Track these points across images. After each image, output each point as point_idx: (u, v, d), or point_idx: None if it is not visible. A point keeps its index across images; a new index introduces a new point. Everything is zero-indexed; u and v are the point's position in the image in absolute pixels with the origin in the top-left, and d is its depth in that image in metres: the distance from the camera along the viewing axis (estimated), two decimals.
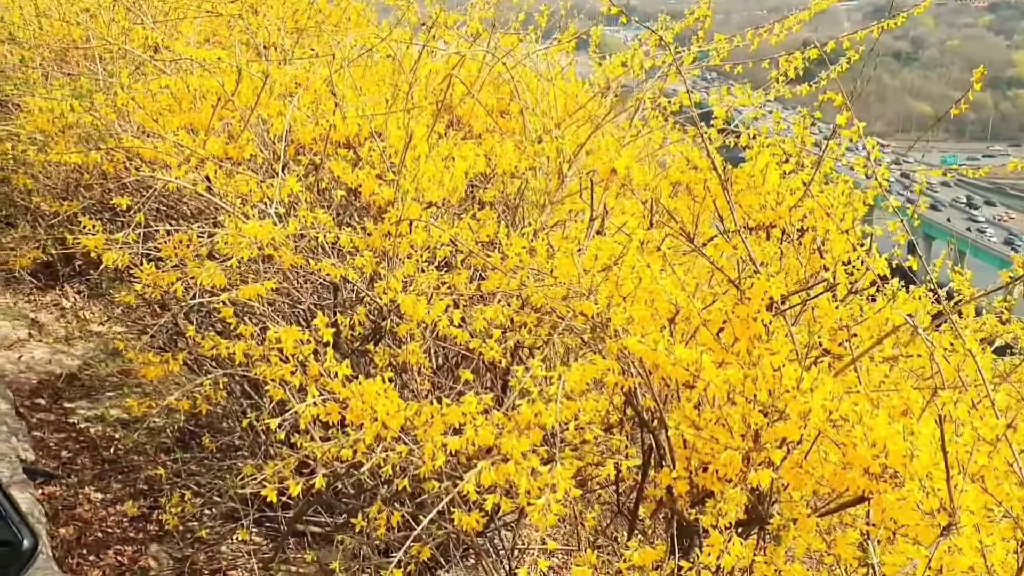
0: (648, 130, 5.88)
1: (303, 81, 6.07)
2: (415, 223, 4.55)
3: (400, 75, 6.13)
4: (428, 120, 5.54)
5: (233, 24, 8.16)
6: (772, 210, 4.36)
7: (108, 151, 5.09)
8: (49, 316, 7.63)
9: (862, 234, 4.44)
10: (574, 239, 4.29)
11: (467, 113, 6.49)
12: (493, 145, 5.86)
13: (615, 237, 4.34)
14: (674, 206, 4.85)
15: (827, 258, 4.10)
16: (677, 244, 4.73)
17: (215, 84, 5.49)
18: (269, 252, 4.27)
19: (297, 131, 5.40)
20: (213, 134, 5.31)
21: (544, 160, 5.83)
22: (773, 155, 4.65)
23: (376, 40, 6.69)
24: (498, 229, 4.76)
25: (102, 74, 6.43)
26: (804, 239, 4.33)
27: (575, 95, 6.70)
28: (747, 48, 6.51)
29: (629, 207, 4.63)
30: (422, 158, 5.06)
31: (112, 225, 5.14)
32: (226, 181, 4.99)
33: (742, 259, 4.10)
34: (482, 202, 5.86)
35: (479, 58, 6.38)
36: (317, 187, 5.34)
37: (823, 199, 4.23)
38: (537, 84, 6.64)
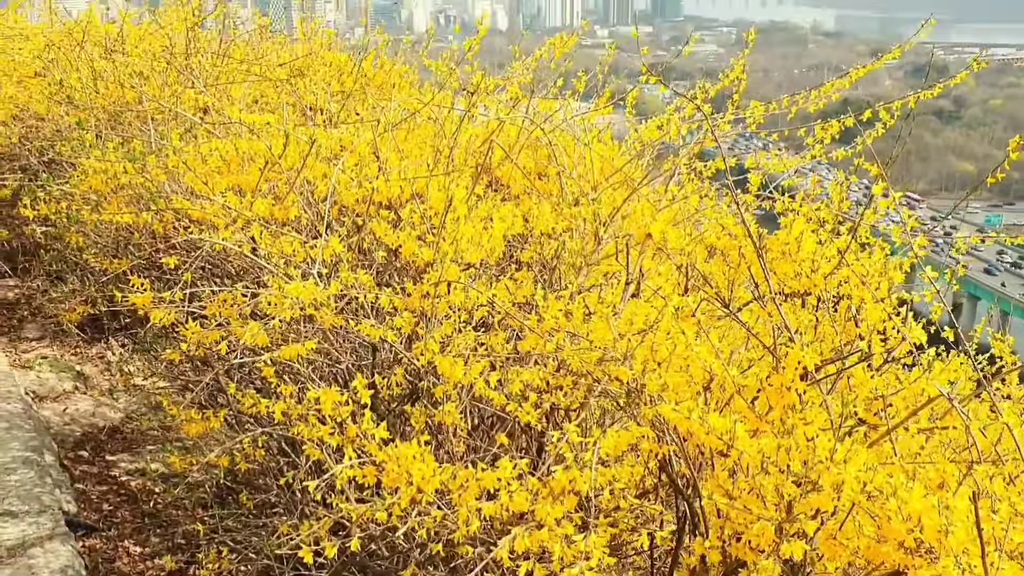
0: (684, 194, 5.94)
1: (348, 144, 6.25)
2: (454, 284, 4.64)
3: (441, 139, 6.29)
4: (468, 182, 5.67)
5: (281, 87, 8.43)
6: (807, 278, 4.38)
7: (158, 212, 5.27)
8: (94, 369, 7.80)
9: (898, 302, 4.44)
10: (610, 303, 4.34)
11: (506, 175, 6.62)
12: (531, 207, 5.97)
13: (651, 301, 4.39)
14: (709, 271, 4.90)
15: (862, 327, 4.10)
16: (712, 309, 4.76)
17: (263, 147, 5.68)
18: (311, 312, 4.37)
19: (341, 193, 5.55)
20: (260, 196, 5.48)
21: (581, 222, 5.91)
22: (808, 222, 4.69)
23: (419, 105, 6.88)
24: (535, 291, 4.84)
25: (154, 135, 6.67)
26: (839, 307, 4.34)
27: (611, 158, 6.80)
28: (785, 113, 6.59)
29: (664, 272, 4.68)
30: (461, 219, 5.17)
31: (160, 283, 5.29)
32: (271, 242, 5.13)
33: (777, 326, 4.12)
34: (519, 262, 5.96)
35: (518, 123, 6.53)
36: (359, 247, 5.47)
37: (858, 267, 4.25)
38: (574, 147, 6.77)
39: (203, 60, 7.93)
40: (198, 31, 8.90)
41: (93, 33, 9.27)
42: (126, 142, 6.55)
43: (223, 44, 8.69)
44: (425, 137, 6.93)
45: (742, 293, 5.00)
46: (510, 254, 5.99)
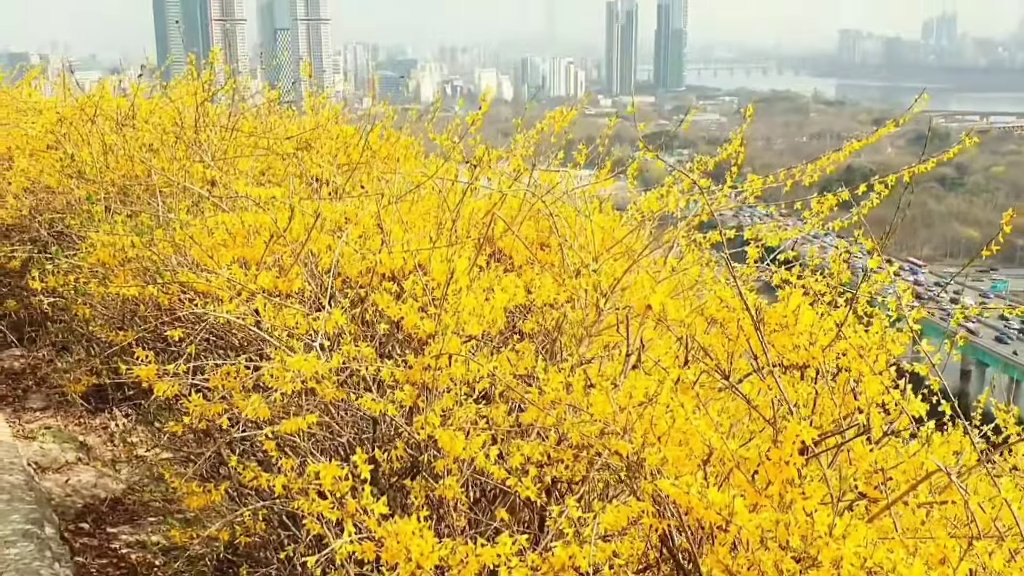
0: (683, 266, 6.00)
1: (352, 216, 6.36)
2: (455, 357, 4.68)
3: (445, 211, 6.39)
4: (470, 253, 5.75)
5: (288, 160, 8.59)
6: (805, 350, 4.41)
7: (164, 284, 5.34)
8: (97, 439, 7.81)
9: (897, 373, 4.46)
10: (610, 376, 4.37)
11: (508, 246, 6.70)
12: (533, 277, 6.04)
13: (651, 373, 4.42)
14: (709, 343, 4.92)
15: (861, 400, 4.11)
16: (712, 381, 4.78)
17: (268, 220, 5.78)
18: (312, 385, 4.40)
19: (344, 265, 5.64)
20: (264, 268, 5.57)
21: (582, 293, 5.97)
22: (805, 294, 4.74)
23: (423, 178, 7.01)
24: (536, 362, 4.87)
25: (162, 208, 6.79)
26: (838, 379, 4.36)
27: (612, 229, 6.89)
28: (791, 180, 6.67)
29: (665, 343, 4.71)
30: (463, 291, 5.24)
31: (164, 355, 5.34)
32: (274, 314, 5.19)
33: (777, 399, 4.14)
34: (521, 333, 5.99)
35: (520, 195, 6.64)
36: (362, 319, 5.52)
37: (856, 340, 4.28)
38: (575, 219, 6.86)
39: (212, 134, 8.10)
40: (208, 105, 9.10)
41: (105, 107, 9.49)
42: (134, 215, 6.67)
43: (232, 118, 8.88)
44: (429, 208, 7.04)
45: (742, 364, 5.02)
46: (512, 324, 6.03)
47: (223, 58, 10.54)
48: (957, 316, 5.60)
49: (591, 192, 7.64)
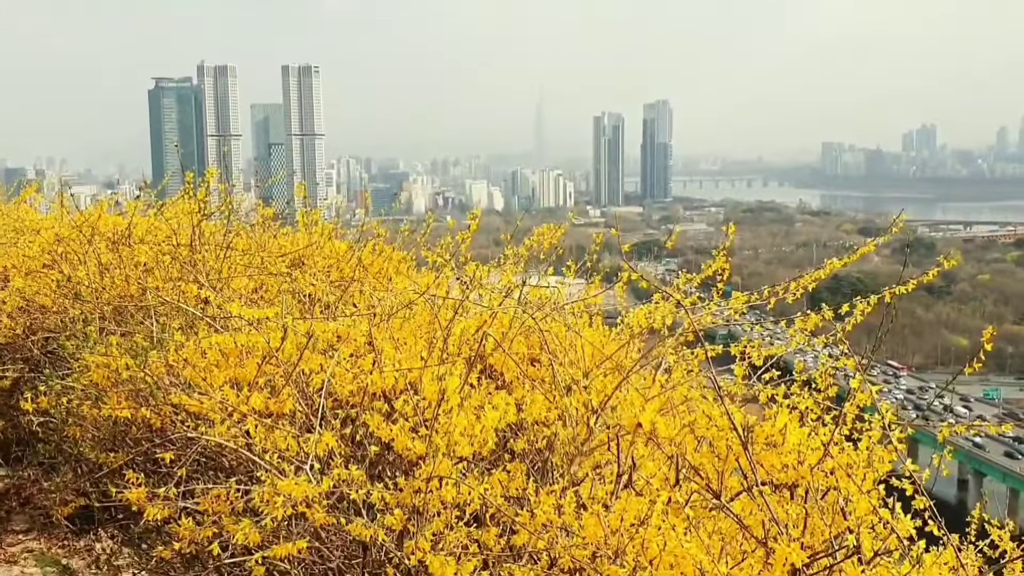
0: (672, 383, 6.07)
1: (344, 335, 6.44)
2: (445, 480, 4.68)
3: (436, 329, 6.48)
4: (462, 371, 5.80)
5: (280, 277, 8.72)
6: (794, 470, 4.44)
7: (156, 406, 5.37)
8: (81, 562, 7.65)
9: (886, 491, 4.48)
10: (601, 499, 4.38)
11: (499, 362, 6.76)
12: (523, 394, 6.07)
13: (643, 492, 4.42)
14: (699, 461, 4.95)
15: (851, 519, 4.13)
16: (703, 499, 4.78)
17: (261, 340, 5.85)
18: (302, 510, 4.39)
19: (336, 384, 5.68)
20: (256, 389, 5.60)
21: (572, 411, 6.00)
22: (792, 411, 4.80)
23: (414, 295, 7.13)
24: (527, 483, 4.87)
25: (155, 328, 6.86)
26: (828, 498, 4.38)
27: (602, 344, 6.97)
28: (776, 293, 6.79)
29: (654, 464, 4.73)
30: (455, 411, 5.27)
31: (155, 476, 5.32)
32: (265, 435, 5.21)
33: (767, 519, 4.15)
34: (512, 451, 5.99)
35: (510, 311, 6.74)
36: (352, 439, 5.53)
37: (843, 459, 4.32)
38: (566, 334, 6.95)
39: (207, 254, 8.25)
40: (203, 224, 9.27)
41: (101, 226, 9.65)
42: (128, 336, 6.74)
43: (227, 236, 9.04)
44: (421, 323, 7.13)
45: (732, 482, 5.03)
46: (503, 442, 6.03)
47: (218, 176, 10.78)
48: (960, 430, 5.64)
49: (581, 306, 7.77)
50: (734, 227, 7.63)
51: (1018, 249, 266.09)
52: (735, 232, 7.78)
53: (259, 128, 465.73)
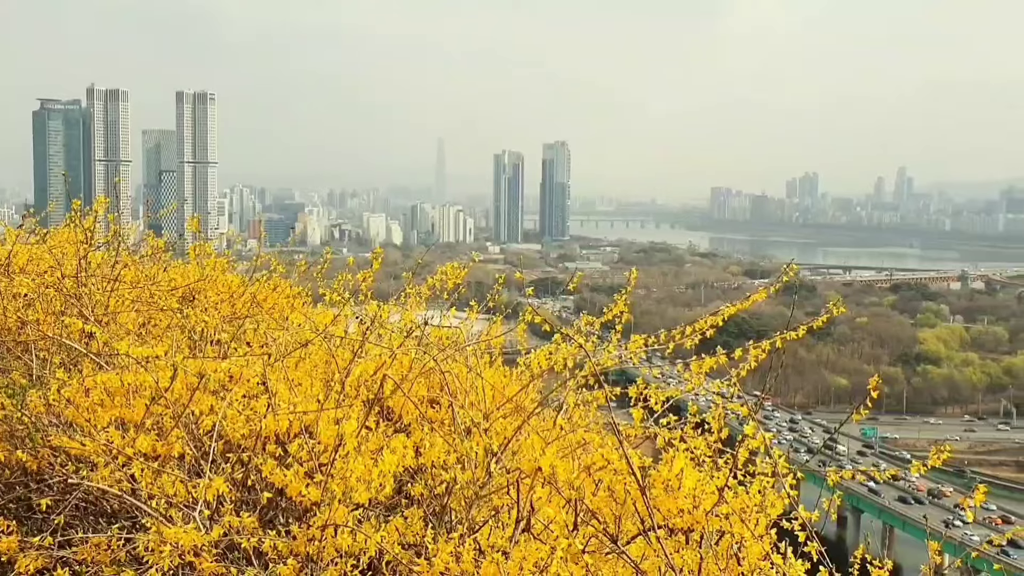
0: (572, 426, 6.10)
1: (237, 375, 6.23)
2: (341, 527, 4.56)
3: (334, 370, 6.35)
4: (359, 413, 5.69)
5: (171, 312, 8.42)
6: (690, 514, 4.50)
7: (34, 448, 5.08)
8: None
9: (778, 535, 4.59)
10: (500, 545, 4.34)
11: (398, 404, 6.67)
12: (423, 437, 5.99)
13: (542, 536, 4.40)
14: (597, 505, 4.97)
15: (744, 564, 4.20)
16: (601, 544, 4.80)
17: (150, 379, 5.61)
18: (190, 559, 4.21)
19: (228, 427, 5.48)
20: (143, 431, 5.36)
21: (472, 454, 5.95)
22: (688, 454, 4.88)
23: (311, 334, 6.98)
24: (425, 529, 4.79)
25: (35, 365, 6.51)
26: (722, 543, 4.45)
27: (502, 386, 6.96)
28: (673, 337, 6.94)
29: (551, 512, 4.72)
30: (351, 455, 5.15)
31: (29, 523, 5.01)
32: (152, 479, 4.98)
33: (663, 565, 4.19)
34: (410, 496, 5.89)
35: (410, 352, 6.67)
36: (244, 484, 5.34)
37: (736, 504, 4.41)
38: (466, 375, 6.91)
39: (92, 286, 7.90)
40: (90, 254, 8.89)
41: None
42: (4, 372, 6.37)
43: (115, 267, 8.68)
44: (318, 363, 6.97)
45: (630, 526, 5.07)
46: (401, 487, 5.94)
47: (106, 205, 10.37)
48: (832, 477, 5.82)
49: (482, 346, 7.75)
50: (635, 272, 7.78)
51: (894, 294, 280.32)
52: (636, 276, 7.93)
53: (150, 155, 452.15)
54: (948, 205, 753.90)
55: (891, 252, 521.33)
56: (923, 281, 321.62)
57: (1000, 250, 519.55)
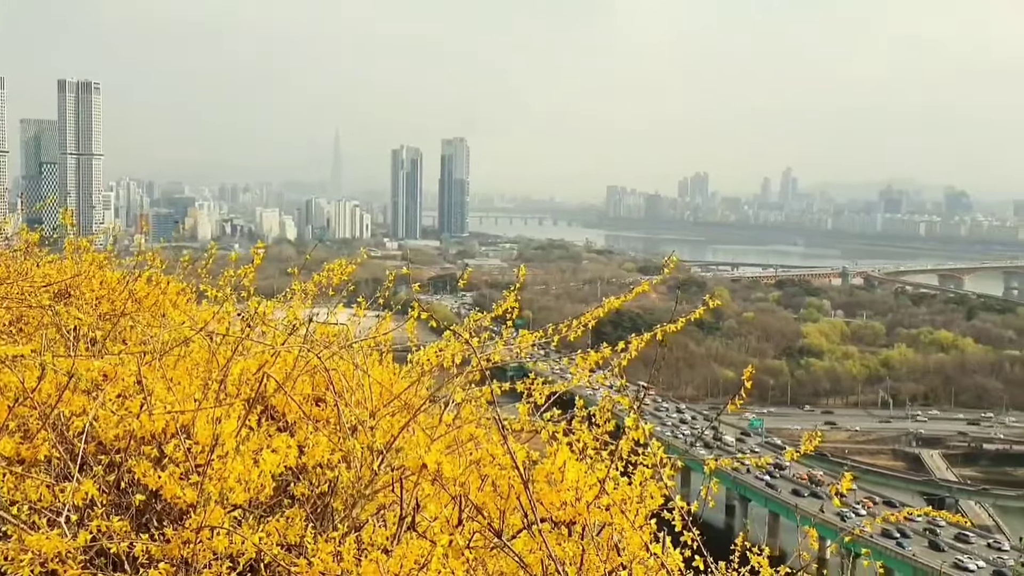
0: (459, 422, 6.09)
1: (111, 373, 5.99)
2: (217, 529, 4.44)
3: (215, 368, 6.17)
4: (240, 412, 5.54)
5: (43, 310, 8.04)
6: (572, 507, 4.55)
7: None
8: None
9: (657, 526, 4.69)
10: (381, 543, 4.30)
11: (281, 403, 6.53)
12: (306, 436, 5.89)
13: (427, 533, 4.38)
14: (482, 501, 4.97)
15: (624, 555, 4.27)
16: (486, 539, 4.81)
17: (15, 380, 5.34)
18: (54, 567, 4.02)
19: (100, 428, 5.26)
20: (7, 433, 5.09)
21: (357, 452, 5.88)
22: (571, 448, 4.93)
23: (191, 332, 6.76)
24: (306, 530, 4.70)
25: None
26: (603, 534, 4.52)
27: (390, 383, 6.90)
28: (559, 330, 7.01)
29: (436, 508, 4.70)
30: (230, 455, 5.02)
31: None
32: (15, 485, 4.73)
33: (546, 556, 4.22)
34: (292, 496, 5.78)
35: (295, 349, 6.54)
36: (117, 486, 5.14)
37: (617, 495, 4.48)
38: (353, 373, 6.81)
39: None
40: None
41: None
42: None
43: None
44: (199, 361, 6.76)
45: (515, 521, 5.10)
46: (283, 487, 5.82)
47: None
48: (709, 465, 5.98)
49: (371, 343, 7.66)
50: (524, 268, 7.84)
51: (779, 290, 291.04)
52: (525, 273, 8.00)
53: (29, 145, 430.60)
54: (830, 205, 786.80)
55: (776, 250, 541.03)
56: (806, 277, 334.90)
57: (878, 248, 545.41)
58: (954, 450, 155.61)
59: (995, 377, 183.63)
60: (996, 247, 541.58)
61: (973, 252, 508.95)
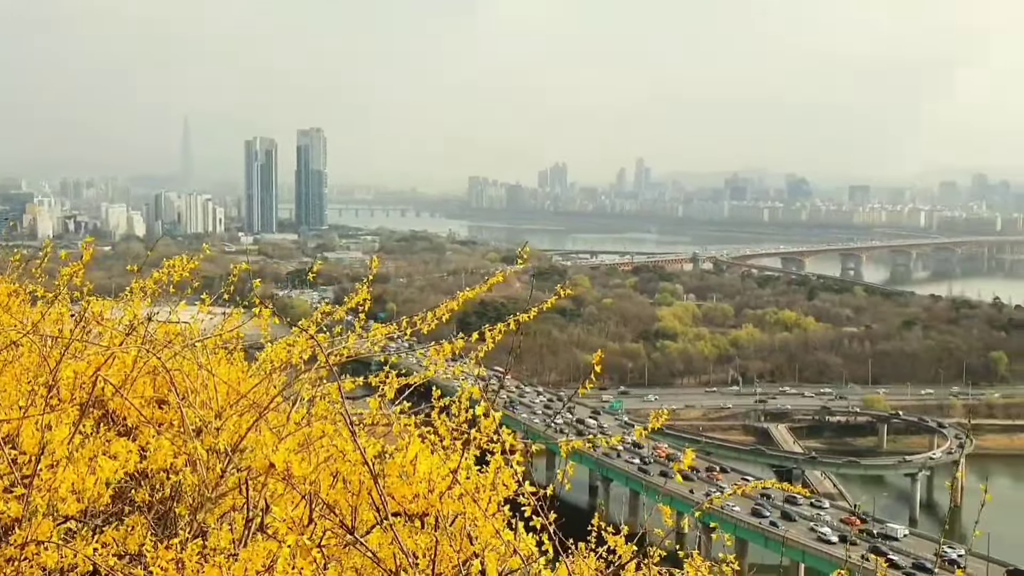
0: (309, 420, 5.95)
1: None
2: (46, 543, 4.17)
3: (45, 372, 5.80)
4: (73, 418, 5.23)
5: None
6: (424, 499, 4.52)
7: None
8: None
9: (511, 512, 4.72)
10: (225, 548, 4.15)
11: (120, 406, 6.21)
12: (148, 440, 5.63)
13: (273, 539, 4.25)
14: (334, 498, 4.88)
15: (476, 544, 4.28)
16: (340, 536, 4.71)
17: None
18: None
19: None
20: None
21: (203, 455, 5.67)
22: (424, 441, 4.90)
23: (16, 334, 6.34)
24: (146, 538, 4.48)
25: None
26: (456, 525, 4.51)
27: (238, 382, 6.66)
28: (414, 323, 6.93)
29: (284, 509, 4.58)
30: (62, 464, 4.73)
31: None
32: None
33: (398, 550, 4.17)
34: (133, 503, 5.52)
35: (133, 351, 6.22)
36: None
37: (469, 485, 4.47)
38: (197, 373, 6.55)
39: None
40: None
41: None
42: None
43: None
44: (28, 366, 6.34)
45: (368, 516, 5.02)
46: (123, 494, 5.54)
47: None
48: (564, 448, 6.06)
49: (219, 340, 7.38)
50: (376, 260, 7.74)
51: (636, 276, 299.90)
52: (377, 264, 7.89)
53: None
54: (681, 193, 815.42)
55: (632, 237, 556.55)
56: (660, 264, 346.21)
57: (726, 234, 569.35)
58: (799, 423, 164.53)
59: (835, 353, 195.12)
60: (833, 230, 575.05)
61: (812, 236, 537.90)
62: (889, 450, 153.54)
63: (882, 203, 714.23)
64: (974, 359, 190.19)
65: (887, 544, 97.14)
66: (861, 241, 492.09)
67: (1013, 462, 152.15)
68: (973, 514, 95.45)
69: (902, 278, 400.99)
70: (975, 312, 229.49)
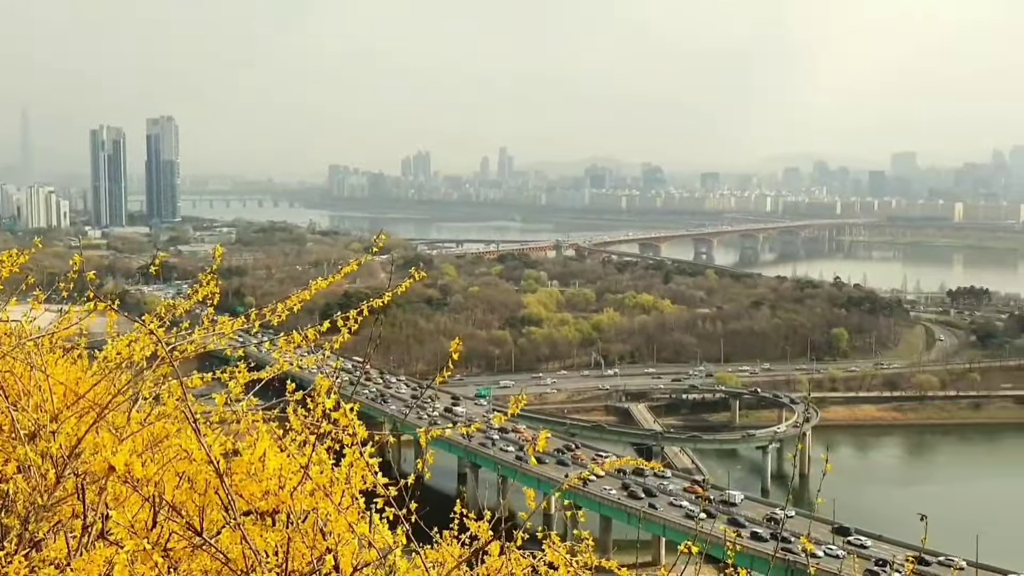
0: (152, 419, 5.68)
1: None
2: None
3: None
4: None
5: None
6: (275, 496, 4.39)
7: None
8: None
9: (366, 503, 4.63)
10: (56, 557, 3.90)
11: None
12: None
13: (116, 546, 4.03)
14: (180, 499, 4.67)
15: (330, 539, 4.18)
16: (188, 538, 4.52)
17: None
18: None
19: None
20: None
21: (36, 460, 5.33)
22: (274, 439, 4.75)
23: None
24: None
25: None
26: (308, 521, 4.39)
27: (75, 383, 6.30)
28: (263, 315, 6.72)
29: (125, 514, 4.35)
30: None
31: None
32: None
33: (249, 548, 4.03)
34: None
35: None
36: None
37: (322, 479, 4.37)
38: (30, 374, 6.14)
39: None
40: None
41: None
42: None
43: None
44: None
45: (217, 516, 4.83)
46: None
47: None
48: (423, 437, 6.00)
49: (55, 339, 6.95)
50: (220, 248, 7.45)
51: (501, 263, 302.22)
52: (222, 253, 7.61)
53: None
54: (544, 182, 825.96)
55: (497, 226, 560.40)
56: (525, 251, 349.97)
57: (587, 221, 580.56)
58: (657, 402, 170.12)
59: (690, 333, 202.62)
60: (686, 216, 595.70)
61: (667, 222, 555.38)
62: (741, 424, 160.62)
63: (731, 189, 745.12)
64: (818, 336, 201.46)
65: (728, 510, 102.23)
66: (712, 227, 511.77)
67: (855, 431, 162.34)
68: (818, 482, 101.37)
69: (750, 261, 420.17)
70: (818, 291, 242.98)
